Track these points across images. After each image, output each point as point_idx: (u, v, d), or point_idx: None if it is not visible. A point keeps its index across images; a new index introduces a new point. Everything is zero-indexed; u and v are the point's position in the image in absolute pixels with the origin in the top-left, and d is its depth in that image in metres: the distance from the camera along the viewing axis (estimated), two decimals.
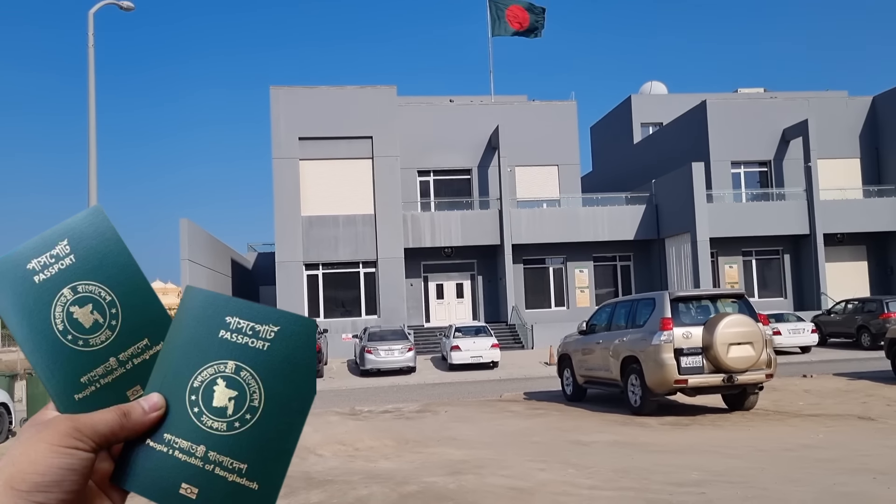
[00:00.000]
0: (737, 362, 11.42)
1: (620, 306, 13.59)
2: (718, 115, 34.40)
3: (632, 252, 34.74)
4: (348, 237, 30.94)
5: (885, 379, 15.62)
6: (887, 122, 34.39)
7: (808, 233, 32.72)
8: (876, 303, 25.75)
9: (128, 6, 14.89)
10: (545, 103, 35.75)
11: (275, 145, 30.47)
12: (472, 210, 33.07)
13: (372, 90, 31.30)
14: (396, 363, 23.94)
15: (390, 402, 16.71)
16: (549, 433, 11.05)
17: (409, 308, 32.41)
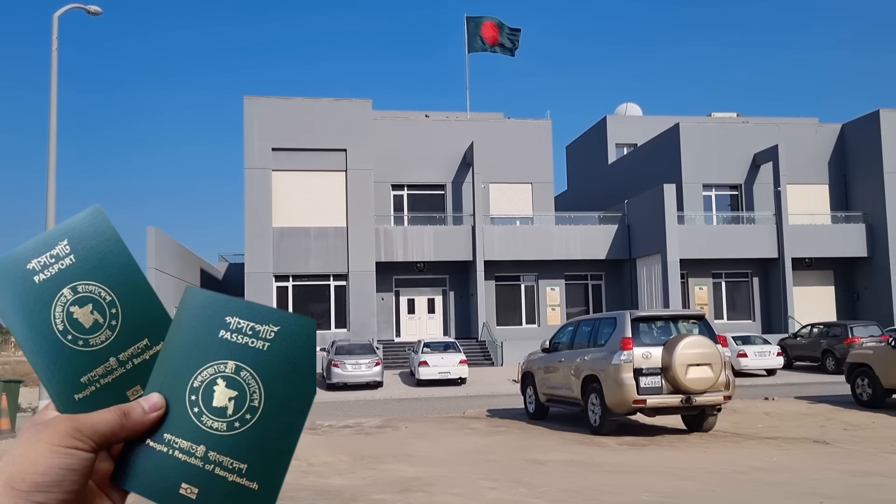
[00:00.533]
0: (695, 383, 11.43)
1: (583, 325, 13.58)
2: (691, 138, 34.81)
3: (603, 271, 34.90)
4: (320, 249, 30.75)
5: (845, 403, 15.74)
6: (855, 150, 35.00)
7: (777, 256, 33.11)
8: (841, 327, 26.07)
9: (95, 10, 14.69)
10: (520, 121, 35.94)
11: (247, 155, 30.27)
12: (446, 225, 33.06)
13: (347, 103, 31.26)
14: (363, 377, 23.76)
15: (352, 417, 16.53)
16: (506, 451, 10.96)
17: (379, 322, 32.23)
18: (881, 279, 33.20)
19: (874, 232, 33.59)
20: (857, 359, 15.77)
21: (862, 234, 33.73)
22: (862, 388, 15.39)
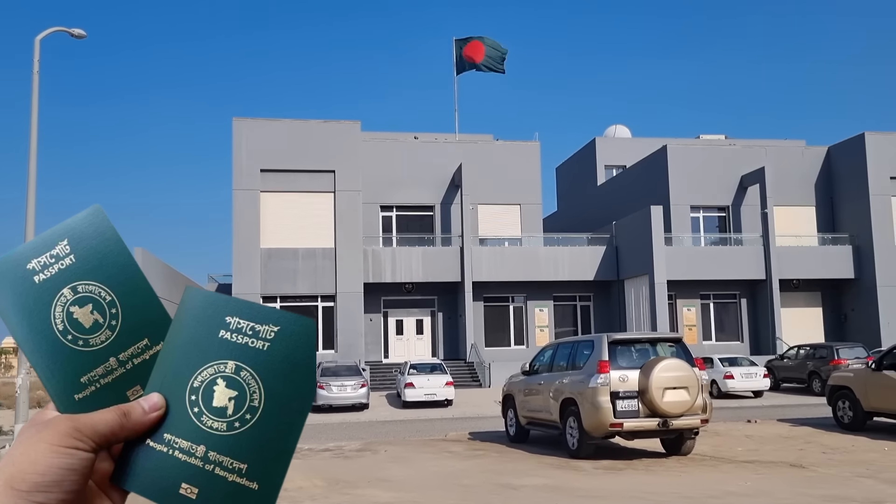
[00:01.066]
0: (672, 406, 11.43)
1: (562, 347, 13.59)
2: (678, 159, 35.04)
3: (592, 292, 34.93)
4: (308, 270, 30.73)
5: (826, 426, 15.73)
6: (841, 172, 35.26)
7: (765, 278, 33.22)
8: (827, 349, 26.09)
9: (79, 34, 14.80)
10: (509, 143, 36.15)
11: (236, 176, 30.34)
12: (434, 246, 33.10)
13: (336, 124, 31.41)
14: (349, 399, 23.64)
15: (334, 440, 16.44)
16: (481, 475, 10.91)
17: (368, 343, 32.15)
18: (868, 301, 33.31)
19: (861, 253, 33.75)
20: (837, 381, 15.78)
21: (849, 255, 33.89)
22: (843, 411, 15.39)
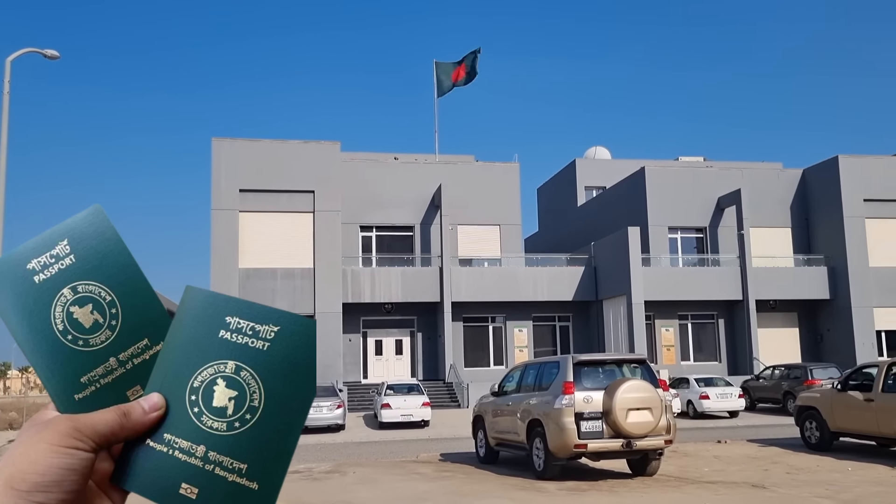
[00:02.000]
0: (635, 427, 11.50)
1: (530, 368, 13.66)
2: (656, 181, 35.39)
3: (571, 313, 35.07)
4: (286, 290, 30.68)
5: (795, 446, 15.86)
6: (816, 194, 35.74)
7: (742, 298, 33.50)
8: (801, 369, 26.30)
9: (52, 55, 14.86)
10: (488, 164, 36.41)
11: (214, 196, 30.34)
12: (413, 267, 33.17)
13: (315, 145, 31.54)
14: (324, 420, 23.53)
15: (305, 462, 16.35)
16: (444, 498, 10.92)
17: (346, 364, 32.07)
18: (843, 321, 33.65)
19: (836, 274, 34.14)
20: (805, 402, 15.94)
21: (824, 276, 34.27)
22: (810, 431, 15.54)
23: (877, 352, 32.59)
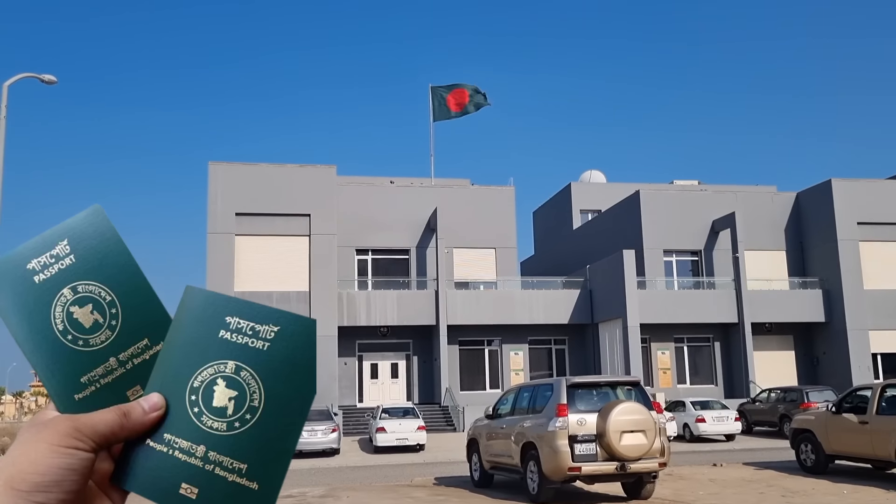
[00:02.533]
0: (629, 450, 11.47)
1: (524, 391, 13.65)
2: (651, 204, 35.56)
3: (567, 336, 35.04)
4: None
5: (790, 469, 15.80)
6: (810, 217, 35.93)
7: (737, 321, 33.52)
8: (797, 392, 26.25)
9: (49, 79, 15.00)
10: (484, 188, 36.59)
11: (210, 220, 30.41)
12: (409, 290, 33.17)
13: (312, 169, 31.69)
14: (319, 444, 23.39)
15: (298, 486, 16.25)
16: None
17: (342, 387, 31.94)
18: (839, 344, 33.65)
19: (831, 297, 34.20)
20: (800, 424, 15.91)
21: (819, 299, 34.32)
22: (806, 454, 15.49)
23: (873, 374, 32.54)
